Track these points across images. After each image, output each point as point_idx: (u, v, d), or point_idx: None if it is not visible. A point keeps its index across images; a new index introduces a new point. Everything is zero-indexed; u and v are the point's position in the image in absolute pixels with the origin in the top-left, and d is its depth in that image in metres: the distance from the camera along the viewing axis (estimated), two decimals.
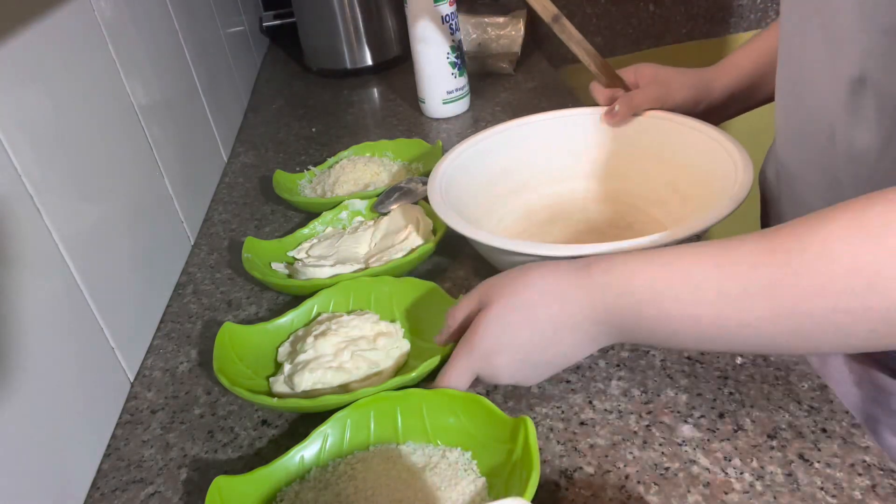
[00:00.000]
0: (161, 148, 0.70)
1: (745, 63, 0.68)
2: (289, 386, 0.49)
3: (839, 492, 0.38)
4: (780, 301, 0.35)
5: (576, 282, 0.42)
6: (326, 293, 0.58)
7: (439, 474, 0.41)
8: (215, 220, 0.80)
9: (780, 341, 0.37)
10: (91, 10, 0.60)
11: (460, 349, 0.44)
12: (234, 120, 1.05)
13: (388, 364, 0.51)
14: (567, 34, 0.66)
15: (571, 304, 0.41)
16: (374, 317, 0.55)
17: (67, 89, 0.53)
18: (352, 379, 0.49)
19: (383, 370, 0.50)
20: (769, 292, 0.35)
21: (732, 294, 0.37)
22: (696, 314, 0.38)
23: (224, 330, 0.53)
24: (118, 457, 0.49)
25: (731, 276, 0.37)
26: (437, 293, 0.55)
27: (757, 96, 0.69)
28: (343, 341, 0.51)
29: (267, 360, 0.54)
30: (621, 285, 0.40)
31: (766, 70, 0.67)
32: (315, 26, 1.18)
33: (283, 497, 0.41)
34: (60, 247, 0.48)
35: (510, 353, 0.43)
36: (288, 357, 0.53)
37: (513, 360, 0.43)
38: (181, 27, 0.84)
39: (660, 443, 0.43)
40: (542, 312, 0.42)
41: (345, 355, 0.50)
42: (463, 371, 0.44)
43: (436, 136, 0.92)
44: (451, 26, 0.90)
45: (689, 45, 1.37)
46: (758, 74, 0.68)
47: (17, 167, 0.44)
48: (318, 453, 0.44)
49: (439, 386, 0.45)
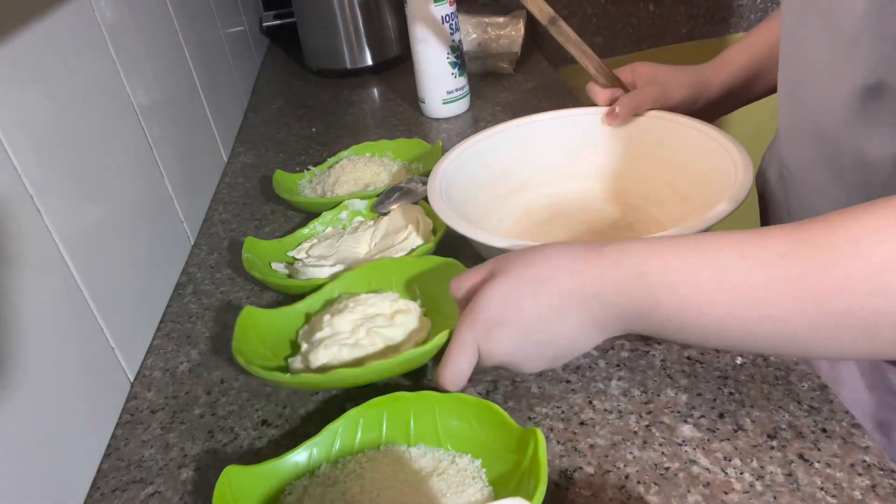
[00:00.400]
0: (161, 148, 0.70)
1: (741, 59, 0.68)
2: (304, 364, 0.49)
3: (839, 492, 0.38)
4: (805, 295, 0.34)
5: (592, 260, 0.40)
6: (348, 275, 0.57)
7: (447, 480, 0.41)
8: (215, 220, 0.80)
9: (799, 339, 0.35)
10: (91, 10, 0.60)
11: (464, 319, 0.42)
12: (234, 120, 1.05)
13: (406, 341, 0.50)
14: (564, 36, 0.66)
15: (584, 281, 0.39)
16: (394, 295, 0.54)
17: (67, 89, 0.53)
18: (367, 354, 0.49)
19: (400, 347, 0.50)
20: (794, 285, 0.34)
21: (755, 284, 0.35)
22: (715, 302, 0.36)
23: (246, 313, 0.53)
24: (118, 457, 0.49)
25: (755, 266, 0.35)
26: (459, 270, 0.54)
27: (754, 91, 0.70)
28: (360, 318, 0.51)
29: (287, 342, 0.54)
30: (637, 266, 0.38)
31: (763, 65, 0.67)
32: (315, 26, 1.18)
33: (291, 491, 0.42)
34: (60, 247, 0.48)
35: (513, 327, 0.41)
36: (305, 337, 0.52)
37: (514, 335, 0.41)
38: (181, 27, 0.84)
39: (660, 443, 0.43)
40: (552, 286, 0.40)
41: (361, 332, 0.50)
42: (465, 342, 0.42)
43: (436, 136, 0.92)
44: (451, 26, 0.90)
45: (689, 45, 1.38)
46: (754, 70, 0.68)
47: (17, 167, 0.44)
48: (329, 449, 0.44)
49: (444, 361, 0.43)
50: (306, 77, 1.24)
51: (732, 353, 0.49)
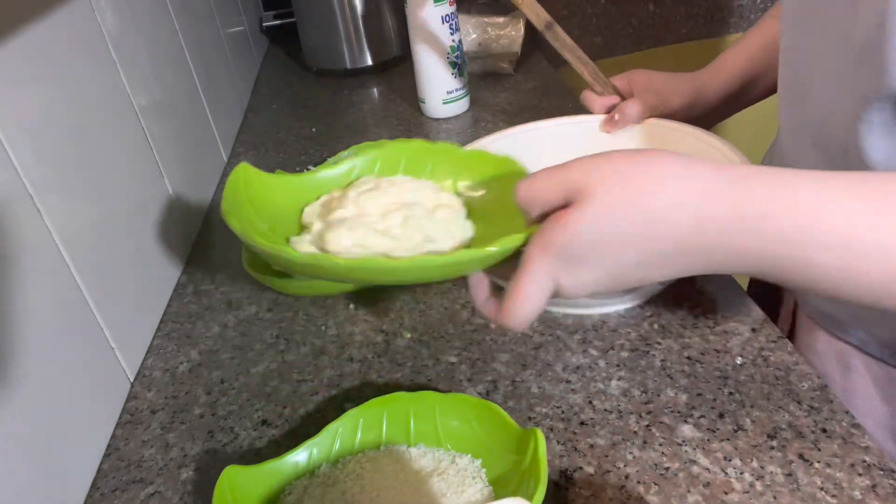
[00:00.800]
0: (161, 148, 0.70)
1: (737, 63, 0.68)
2: (318, 247, 0.39)
3: (839, 492, 0.38)
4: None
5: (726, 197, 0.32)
6: (371, 154, 0.46)
7: (447, 480, 0.41)
8: (215, 220, 0.80)
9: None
10: (91, 11, 0.60)
11: (541, 248, 0.34)
12: (234, 120, 1.05)
13: (448, 244, 0.40)
14: (560, 42, 0.65)
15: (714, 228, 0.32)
16: (433, 186, 0.44)
17: (67, 89, 0.53)
18: (400, 247, 0.39)
19: (441, 247, 0.40)
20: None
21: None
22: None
23: (239, 170, 0.43)
24: (118, 457, 0.49)
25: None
26: (514, 170, 0.44)
27: (752, 95, 0.69)
28: (394, 203, 0.41)
29: (288, 218, 0.43)
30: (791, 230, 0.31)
31: (760, 69, 0.67)
32: (315, 26, 1.18)
33: (291, 491, 0.42)
34: (60, 247, 0.48)
35: (603, 269, 0.34)
36: (318, 217, 0.42)
37: (602, 277, 0.35)
38: (181, 27, 0.84)
39: (660, 443, 0.43)
40: (668, 230, 0.32)
41: (394, 218, 0.39)
42: (540, 276, 0.35)
43: (436, 137, 0.92)
44: (451, 26, 0.90)
45: (689, 45, 1.38)
46: (751, 74, 0.67)
47: (17, 167, 0.44)
48: (329, 449, 0.44)
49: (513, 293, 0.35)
50: (306, 77, 1.24)
51: (732, 355, 0.49)
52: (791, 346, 0.49)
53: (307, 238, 0.40)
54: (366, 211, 0.40)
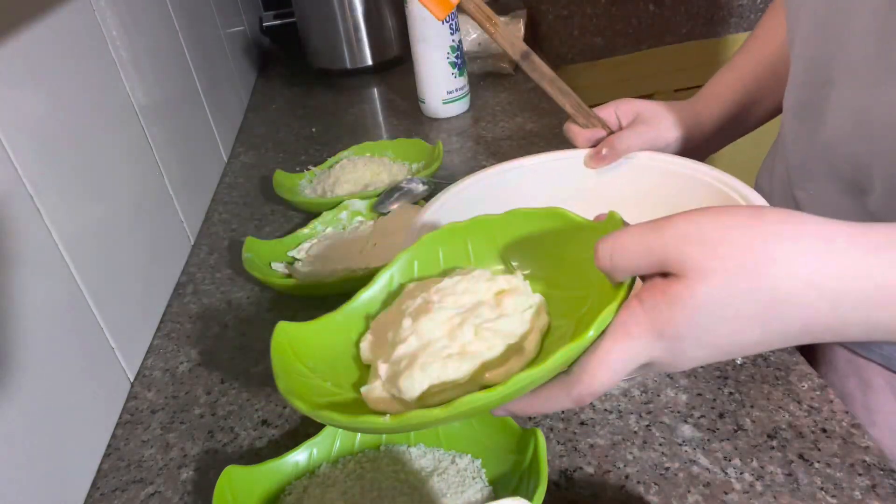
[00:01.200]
0: (161, 148, 0.70)
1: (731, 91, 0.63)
2: (392, 394, 0.35)
3: (839, 492, 0.38)
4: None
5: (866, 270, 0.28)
6: (404, 257, 0.42)
7: (446, 480, 0.41)
8: (215, 220, 0.80)
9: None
10: (91, 10, 0.60)
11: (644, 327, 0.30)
12: (234, 120, 1.05)
13: (527, 330, 0.36)
14: (538, 72, 0.59)
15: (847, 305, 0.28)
16: (483, 273, 0.39)
17: (67, 89, 0.53)
18: (484, 362, 0.34)
19: (525, 340, 0.35)
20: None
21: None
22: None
23: (280, 332, 0.37)
24: (118, 457, 0.49)
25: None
26: (561, 218, 0.40)
27: (748, 123, 0.65)
28: (455, 314, 0.36)
29: (343, 361, 0.39)
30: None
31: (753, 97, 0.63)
32: (315, 26, 1.18)
33: (291, 491, 0.42)
34: (60, 247, 0.48)
35: (717, 349, 0.31)
36: (377, 353, 0.37)
37: (714, 355, 0.31)
38: (181, 27, 0.84)
39: (660, 443, 0.43)
40: (796, 313, 0.28)
41: (465, 333, 0.35)
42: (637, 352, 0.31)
43: (436, 136, 0.92)
44: (451, 26, 0.90)
45: (689, 44, 1.38)
46: (746, 102, 0.63)
47: (17, 167, 0.44)
48: (329, 449, 0.44)
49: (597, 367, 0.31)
50: (306, 77, 1.24)
51: None
52: (791, 346, 0.49)
53: (377, 385, 0.35)
54: (429, 338, 0.35)
